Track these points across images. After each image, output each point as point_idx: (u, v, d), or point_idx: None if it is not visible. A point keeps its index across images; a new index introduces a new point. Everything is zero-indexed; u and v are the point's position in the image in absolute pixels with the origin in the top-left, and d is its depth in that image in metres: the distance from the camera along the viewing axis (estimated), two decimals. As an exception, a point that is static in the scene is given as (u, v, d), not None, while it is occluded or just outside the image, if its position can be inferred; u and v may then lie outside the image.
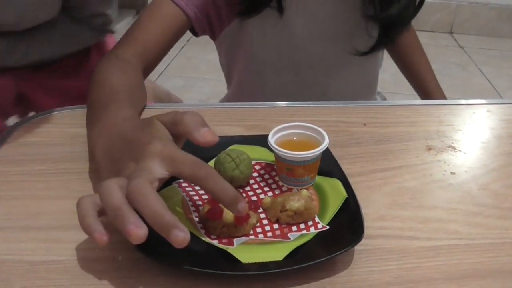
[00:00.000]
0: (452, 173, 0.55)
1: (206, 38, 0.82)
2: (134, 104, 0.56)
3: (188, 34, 0.77)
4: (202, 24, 0.74)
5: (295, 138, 0.49)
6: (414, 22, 1.00)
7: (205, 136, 0.42)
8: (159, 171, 0.40)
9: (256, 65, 0.82)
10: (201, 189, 0.41)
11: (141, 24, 0.69)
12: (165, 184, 0.48)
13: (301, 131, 0.50)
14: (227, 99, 0.93)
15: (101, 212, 0.39)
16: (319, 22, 0.77)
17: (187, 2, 0.69)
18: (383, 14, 0.74)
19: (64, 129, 0.60)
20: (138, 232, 0.35)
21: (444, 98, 0.94)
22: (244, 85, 0.87)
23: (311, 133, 0.49)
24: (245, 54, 0.82)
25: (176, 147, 0.42)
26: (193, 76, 2.26)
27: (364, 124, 0.64)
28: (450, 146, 0.60)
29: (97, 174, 0.47)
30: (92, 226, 0.37)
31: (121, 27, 2.77)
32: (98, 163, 0.46)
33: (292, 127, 0.50)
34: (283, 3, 0.73)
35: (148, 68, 0.69)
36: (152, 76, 0.75)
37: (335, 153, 0.53)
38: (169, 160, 0.40)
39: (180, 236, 0.35)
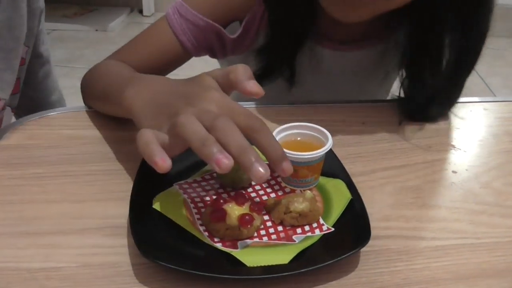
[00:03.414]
0: (454, 172, 0.55)
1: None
2: None
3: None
4: (201, 53, 0.70)
5: (298, 138, 0.49)
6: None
7: (253, 87, 0.43)
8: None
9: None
10: (252, 141, 0.40)
11: (138, 45, 0.67)
12: (166, 185, 0.47)
13: (304, 131, 0.49)
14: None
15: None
16: (333, 80, 0.74)
17: (184, 32, 0.65)
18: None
19: (58, 130, 0.58)
20: (227, 160, 0.36)
21: None
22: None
23: (315, 133, 0.49)
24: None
25: (230, 99, 0.43)
26: (188, 74, 2.23)
27: (363, 123, 0.64)
28: (450, 145, 0.60)
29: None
30: (155, 151, 0.37)
31: (115, 24, 2.74)
32: (137, 116, 0.46)
33: (295, 127, 0.49)
34: (295, 71, 0.69)
35: None
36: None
37: (335, 153, 0.53)
38: (226, 109, 0.41)
39: (261, 171, 0.36)
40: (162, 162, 0.37)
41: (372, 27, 0.68)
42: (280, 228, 0.44)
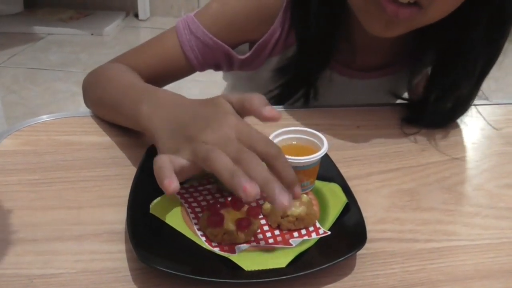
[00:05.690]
0: (447, 175, 0.56)
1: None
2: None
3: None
4: (206, 69, 0.70)
5: (294, 143, 0.49)
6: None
7: (270, 112, 0.45)
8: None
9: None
10: (269, 166, 0.42)
11: (144, 52, 0.67)
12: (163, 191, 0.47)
13: (300, 136, 0.49)
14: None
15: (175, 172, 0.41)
16: (342, 100, 0.74)
17: (192, 48, 0.65)
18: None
19: (54, 136, 0.58)
20: (254, 189, 0.38)
21: None
22: None
23: (310, 138, 0.49)
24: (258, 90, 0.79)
25: (248, 124, 0.45)
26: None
27: (358, 127, 0.64)
28: (443, 148, 0.61)
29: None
30: (165, 175, 0.39)
31: (111, 29, 2.74)
32: (154, 135, 0.48)
33: (291, 132, 0.49)
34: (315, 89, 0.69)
35: None
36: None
37: (330, 156, 0.53)
38: (245, 135, 0.43)
39: (284, 203, 0.38)
40: (169, 184, 0.39)
41: (391, 56, 0.70)
42: (277, 232, 0.45)
